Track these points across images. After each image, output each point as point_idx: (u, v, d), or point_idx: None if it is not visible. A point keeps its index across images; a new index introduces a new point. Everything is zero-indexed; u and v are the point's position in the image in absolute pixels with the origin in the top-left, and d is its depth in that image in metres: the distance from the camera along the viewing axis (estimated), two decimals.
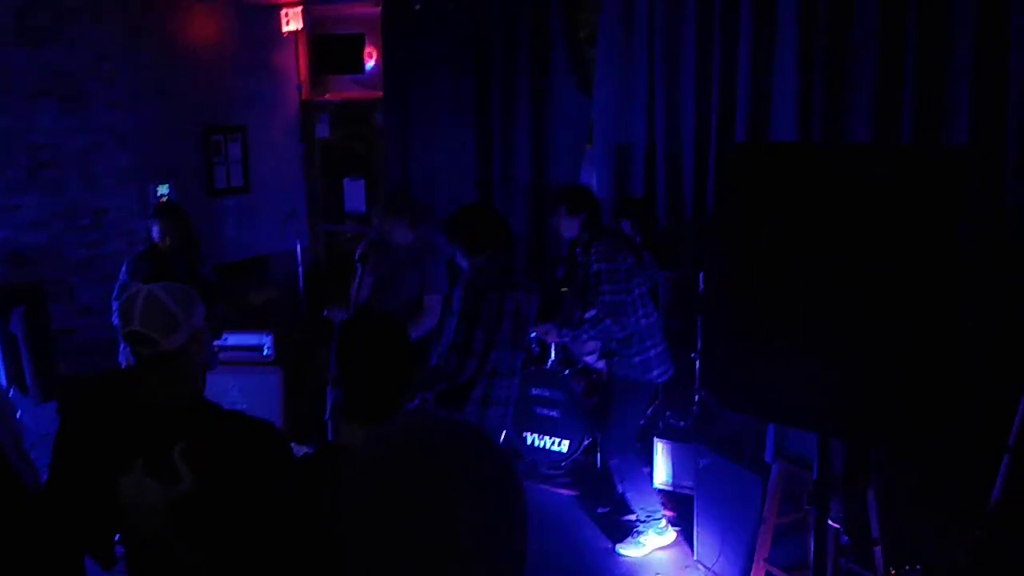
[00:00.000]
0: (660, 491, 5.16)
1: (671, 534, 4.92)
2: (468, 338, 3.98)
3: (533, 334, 5.27)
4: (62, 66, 6.17)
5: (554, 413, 5.75)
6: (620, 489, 4.97)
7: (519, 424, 5.74)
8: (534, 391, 5.75)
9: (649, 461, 5.25)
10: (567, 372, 5.80)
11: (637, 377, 4.74)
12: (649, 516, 4.84)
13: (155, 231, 5.41)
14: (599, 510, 5.28)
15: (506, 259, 4.28)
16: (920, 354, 2.10)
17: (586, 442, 5.67)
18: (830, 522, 3.89)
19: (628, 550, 4.85)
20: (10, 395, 4.10)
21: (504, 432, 4.63)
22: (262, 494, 2.08)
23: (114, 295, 5.69)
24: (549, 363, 5.92)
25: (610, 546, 4.93)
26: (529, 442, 5.81)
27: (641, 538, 4.85)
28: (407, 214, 5.04)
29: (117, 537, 2.27)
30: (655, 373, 4.79)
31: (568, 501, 5.47)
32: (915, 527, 4.11)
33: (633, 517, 4.92)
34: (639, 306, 4.69)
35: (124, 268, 5.54)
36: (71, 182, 6.31)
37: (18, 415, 3.51)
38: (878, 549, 3.90)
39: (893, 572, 3.76)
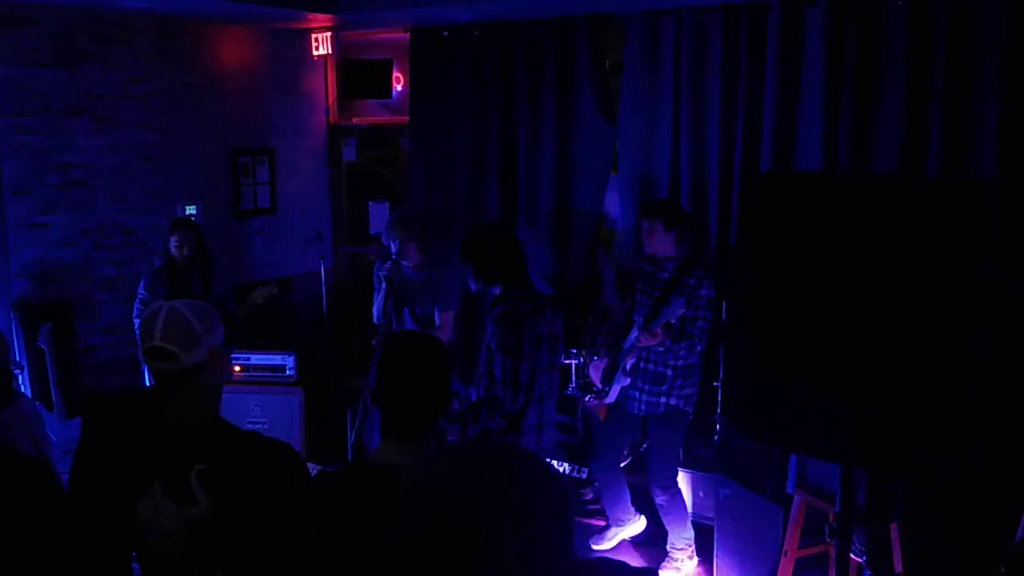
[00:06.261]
0: None
1: (695, 560, 4.95)
2: (515, 372, 3.86)
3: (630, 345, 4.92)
4: (94, 87, 6.26)
5: (573, 439, 5.70)
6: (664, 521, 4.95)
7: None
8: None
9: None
10: (587, 398, 5.77)
11: (684, 407, 4.80)
12: (687, 544, 4.91)
13: (172, 242, 5.49)
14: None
15: (529, 283, 4.11)
16: (941, 387, 2.08)
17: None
18: (852, 555, 3.84)
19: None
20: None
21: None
22: (277, 515, 2.08)
23: (135, 313, 5.74)
24: (570, 388, 5.89)
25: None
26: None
27: (676, 563, 4.89)
28: (420, 235, 5.16)
29: (134, 555, 2.27)
30: (691, 409, 4.86)
31: (598, 531, 5.28)
32: (939, 561, 4.04)
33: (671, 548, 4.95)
34: (705, 339, 4.74)
35: (142, 284, 5.61)
36: (100, 201, 6.38)
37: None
38: None
39: None
